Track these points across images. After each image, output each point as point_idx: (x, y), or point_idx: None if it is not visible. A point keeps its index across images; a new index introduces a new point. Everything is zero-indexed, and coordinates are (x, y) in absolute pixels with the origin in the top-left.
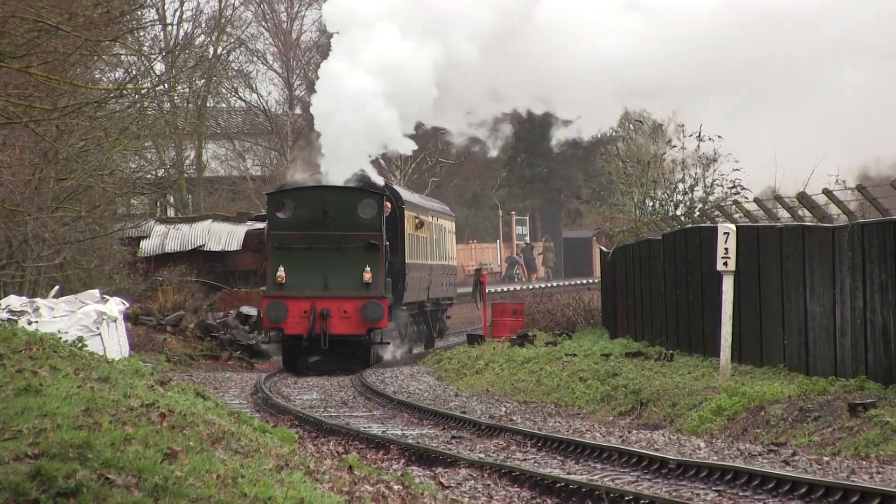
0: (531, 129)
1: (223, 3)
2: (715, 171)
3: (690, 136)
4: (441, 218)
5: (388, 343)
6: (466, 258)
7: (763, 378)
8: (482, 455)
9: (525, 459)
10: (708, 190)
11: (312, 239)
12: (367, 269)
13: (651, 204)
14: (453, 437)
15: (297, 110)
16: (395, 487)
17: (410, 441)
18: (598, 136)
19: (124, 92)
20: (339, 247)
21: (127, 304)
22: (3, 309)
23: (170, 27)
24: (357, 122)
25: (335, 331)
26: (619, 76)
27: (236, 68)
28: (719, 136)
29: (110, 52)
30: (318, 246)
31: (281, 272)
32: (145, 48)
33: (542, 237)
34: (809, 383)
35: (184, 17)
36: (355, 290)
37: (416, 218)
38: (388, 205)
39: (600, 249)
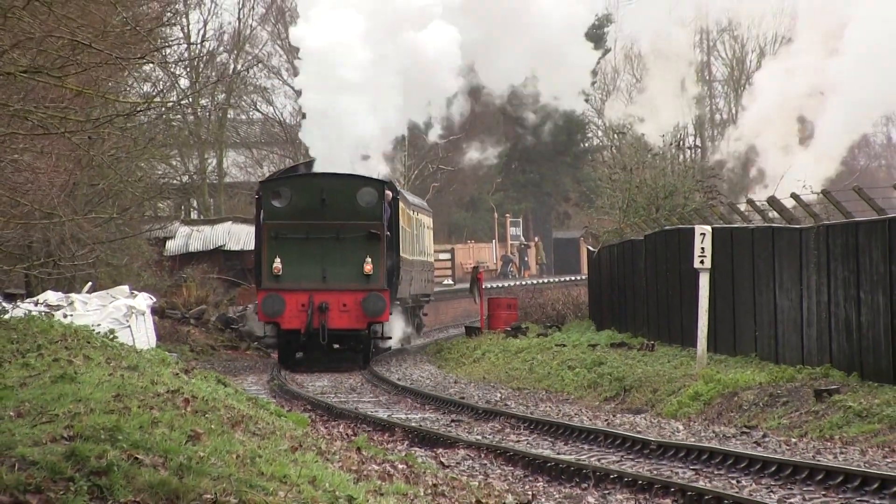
0: (524, 137)
1: (242, 24)
2: (693, 177)
3: (671, 145)
4: (420, 213)
5: (390, 338)
6: (465, 257)
7: (736, 366)
8: (479, 437)
9: (518, 441)
10: (687, 195)
11: (310, 228)
12: (368, 259)
13: (634, 207)
14: (453, 421)
15: None
16: (400, 466)
17: (413, 424)
18: (587, 146)
19: (152, 104)
20: (338, 236)
21: (154, 299)
22: (41, 303)
23: (194, 45)
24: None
25: (334, 325)
26: None
27: (254, 83)
28: (698, 146)
29: (139, 67)
30: (315, 236)
31: (277, 263)
32: (171, 64)
33: (534, 238)
34: (779, 371)
35: (207, 36)
36: (355, 282)
37: (406, 210)
38: (390, 193)
39: (587, 249)
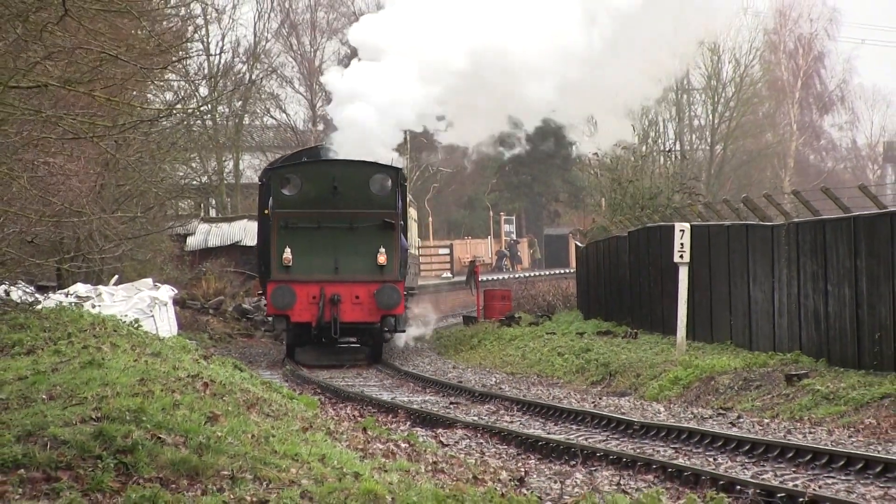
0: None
1: (257, 37)
2: (673, 178)
3: (653, 151)
4: (409, 205)
5: (404, 331)
6: (463, 252)
7: (713, 353)
8: (476, 418)
9: (512, 422)
10: (668, 196)
11: (321, 217)
12: (382, 250)
13: (619, 206)
14: (451, 403)
15: (321, 127)
16: (403, 445)
17: (415, 406)
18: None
19: (173, 111)
20: (351, 226)
21: (175, 291)
22: (72, 295)
23: (213, 57)
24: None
25: (346, 318)
26: None
27: (268, 92)
28: (677, 151)
29: (162, 77)
30: (327, 225)
31: (287, 254)
32: (192, 74)
33: (527, 235)
34: (752, 357)
35: (224, 48)
36: (368, 274)
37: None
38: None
39: (576, 244)
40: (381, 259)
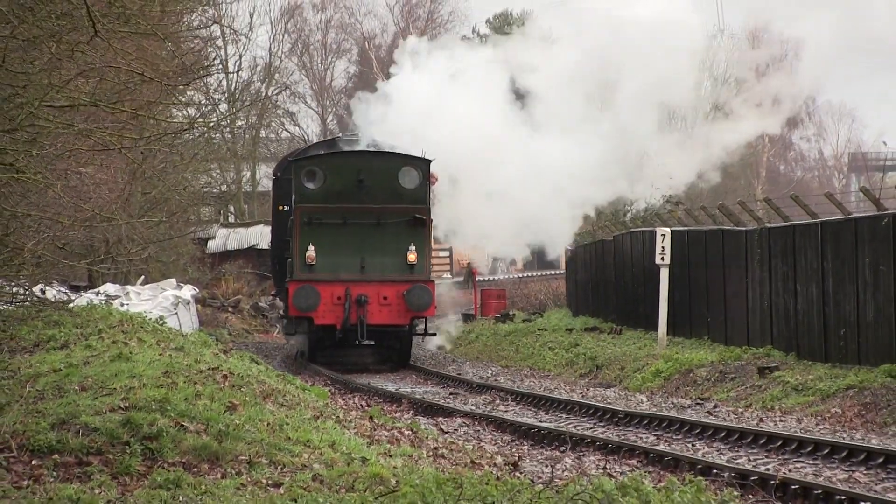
0: None
1: (272, 56)
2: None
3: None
4: None
5: (434, 334)
6: (461, 254)
7: (692, 347)
8: (473, 407)
9: (507, 411)
10: (650, 202)
11: (347, 213)
12: (412, 247)
13: (604, 212)
14: (451, 394)
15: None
16: (406, 432)
17: (418, 396)
18: None
19: (195, 125)
20: (379, 222)
21: (197, 290)
22: (102, 294)
23: (231, 75)
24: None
25: (373, 320)
26: None
27: (282, 107)
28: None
29: (184, 94)
30: (353, 221)
31: (310, 252)
32: (211, 91)
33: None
34: (727, 351)
35: (242, 66)
36: (397, 273)
37: None
38: (436, 176)
39: (565, 248)
40: (412, 257)
